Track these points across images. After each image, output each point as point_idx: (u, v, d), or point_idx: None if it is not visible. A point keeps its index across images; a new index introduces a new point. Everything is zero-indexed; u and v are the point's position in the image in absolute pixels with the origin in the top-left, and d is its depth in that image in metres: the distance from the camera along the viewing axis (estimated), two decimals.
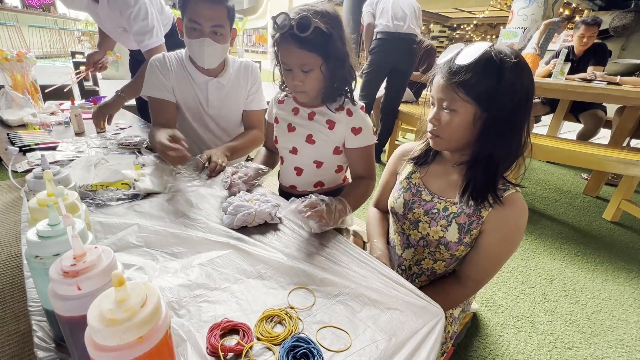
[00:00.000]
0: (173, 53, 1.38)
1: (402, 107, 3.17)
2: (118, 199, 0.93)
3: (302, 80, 0.95)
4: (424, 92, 3.56)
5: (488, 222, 0.81)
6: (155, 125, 1.30)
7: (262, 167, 1.10)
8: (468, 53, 0.73)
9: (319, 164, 1.13)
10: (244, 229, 0.84)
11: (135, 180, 1.02)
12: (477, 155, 0.79)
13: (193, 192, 1.02)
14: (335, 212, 0.84)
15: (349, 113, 1.04)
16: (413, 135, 4.20)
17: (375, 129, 3.56)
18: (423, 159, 0.95)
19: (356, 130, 1.05)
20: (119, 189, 0.97)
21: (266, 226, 0.87)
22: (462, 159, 0.85)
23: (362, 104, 1.07)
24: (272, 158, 1.31)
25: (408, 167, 0.99)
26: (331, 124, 1.05)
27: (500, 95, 0.71)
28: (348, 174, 1.22)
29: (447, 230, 0.84)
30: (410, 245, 0.95)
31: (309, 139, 1.09)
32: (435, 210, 0.88)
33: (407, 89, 3.44)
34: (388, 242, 1.03)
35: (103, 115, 1.55)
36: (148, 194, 0.98)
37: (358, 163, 1.11)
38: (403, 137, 4.35)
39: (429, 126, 0.83)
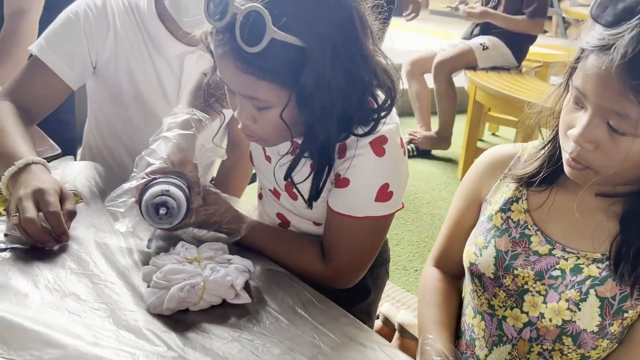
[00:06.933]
0: None
1: (495, 79, 2.17)
2: None
3: (252, 117, 0.57)
4: (530, 47, 2.42)
5: None
6: (11, 99, 0.78)
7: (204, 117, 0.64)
8: None
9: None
10: (183, 316, 0.51)
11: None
12: None
13: (91, 240, 0.62)
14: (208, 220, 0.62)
15: (342, 151, 0.61)
16: (511, 131, 2.66)
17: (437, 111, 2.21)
18: (539, 178, 0.63)
19: (340, 182, 0.62)
20: None
21: (231, 309, 0.53)
22: (617, 189, 0.58)
23: (381, 133, 0.59)
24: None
25: (505, 191, 0.67)
26: None
27: None
28: None
29: (580, 310, 0.59)
30: (505, 339, 0.67)
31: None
32: (557, 273, 0.61)
33: (505, 46, 2.35)
34: (458, 336, 0.72)
35: None
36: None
37: (329, 232, 0.67)
38: (493, 135, 2.88)
39: (571, 146, 0.53)
